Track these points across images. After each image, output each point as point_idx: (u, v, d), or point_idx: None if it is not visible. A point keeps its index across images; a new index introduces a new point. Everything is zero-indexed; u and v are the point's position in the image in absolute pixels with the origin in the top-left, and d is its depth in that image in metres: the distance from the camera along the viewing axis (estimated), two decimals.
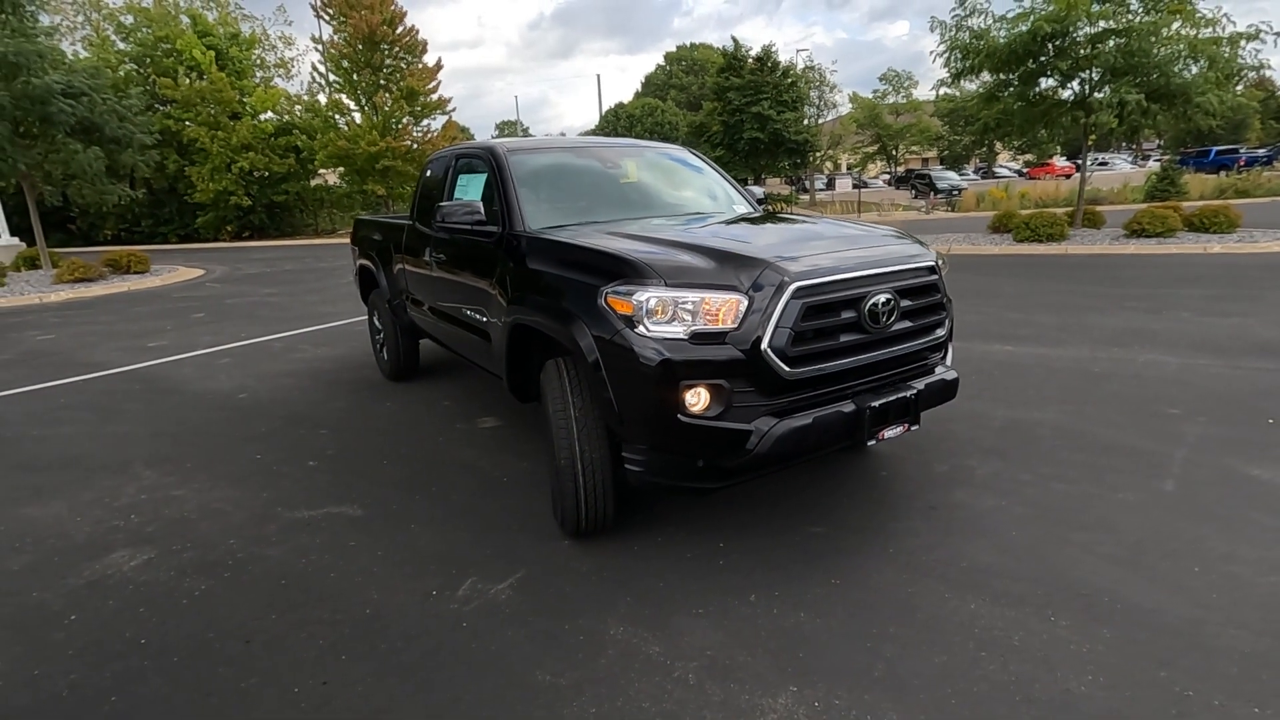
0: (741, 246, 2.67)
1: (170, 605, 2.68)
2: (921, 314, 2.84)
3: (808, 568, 2.74)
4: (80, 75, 13.59)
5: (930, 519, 3.09)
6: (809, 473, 3.58)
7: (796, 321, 2.44)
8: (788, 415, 2.49)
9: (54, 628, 2.57)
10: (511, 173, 3.68)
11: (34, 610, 2.69)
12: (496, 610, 2.56)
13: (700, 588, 2.64)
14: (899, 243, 2.98)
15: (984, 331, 6.53)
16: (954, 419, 4.26)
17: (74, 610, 2.67)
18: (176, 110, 24.79)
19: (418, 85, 27.20)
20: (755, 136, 24.14)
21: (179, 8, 26.96)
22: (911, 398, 2.73)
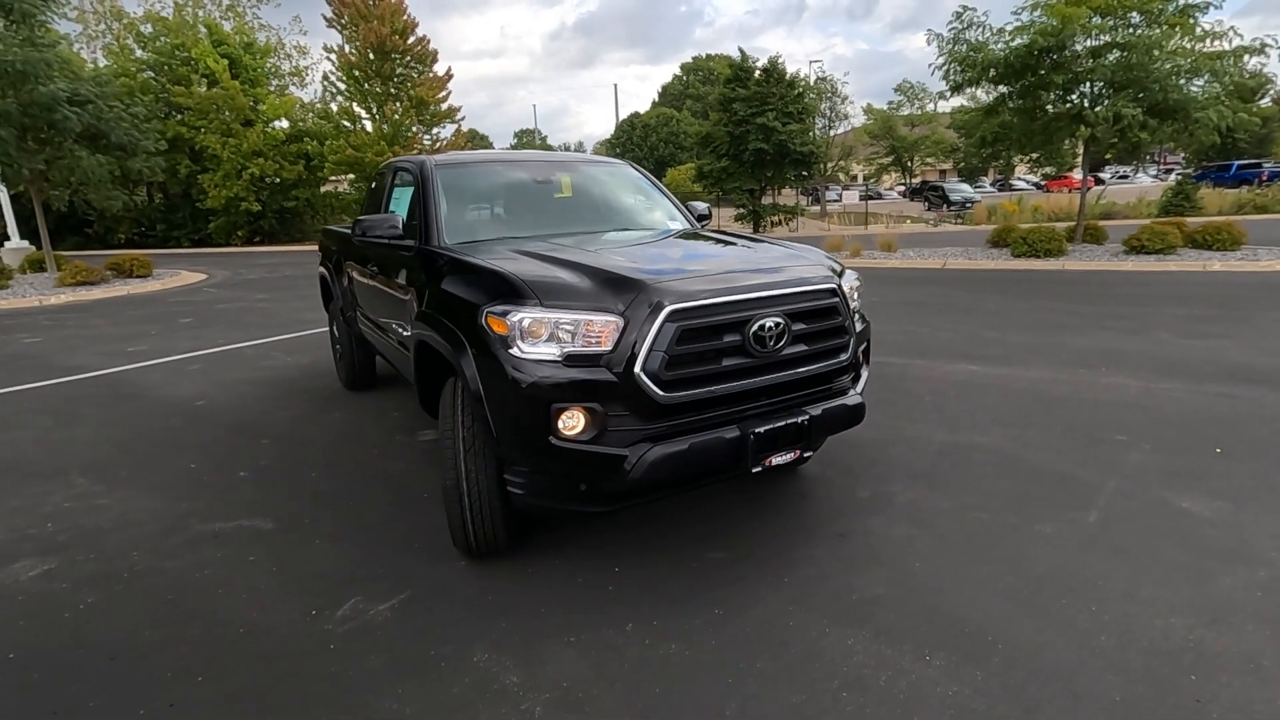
0: (627, 267, 2.62)
1: (51, 618, 2.68)
2: (819, 338, 2.78)
3: (696, 596, 2.68)
4: (87, 83, 13.88)
5: (836, 548, 3.00)
6: (725, 495, 3.51)
7: (671, 345, 2.39)
8: (663, 440, 2.44)
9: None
10: (435, 186, 3.67)
11: None
12: (369, 633, 2.52)
13: (581, 615, 2.58)
14: (799, 264, 2.91)
15: (951, 349, 6.41)
16: (892, 441, 4.17)
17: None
18: (190, 117, 25.25)
19: (427, 94, 27.52)
20: (760, 147, 24.04)
21: (197, 17, 27.52)
22: (804, 424, 2.66)
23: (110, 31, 27.69)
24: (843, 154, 41.01)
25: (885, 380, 5.49)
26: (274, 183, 26.80)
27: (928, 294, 9.98)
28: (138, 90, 24.50)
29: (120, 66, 25.92)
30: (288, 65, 31.19)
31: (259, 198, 26.44)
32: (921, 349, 6.51)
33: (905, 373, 5.70)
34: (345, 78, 27.63)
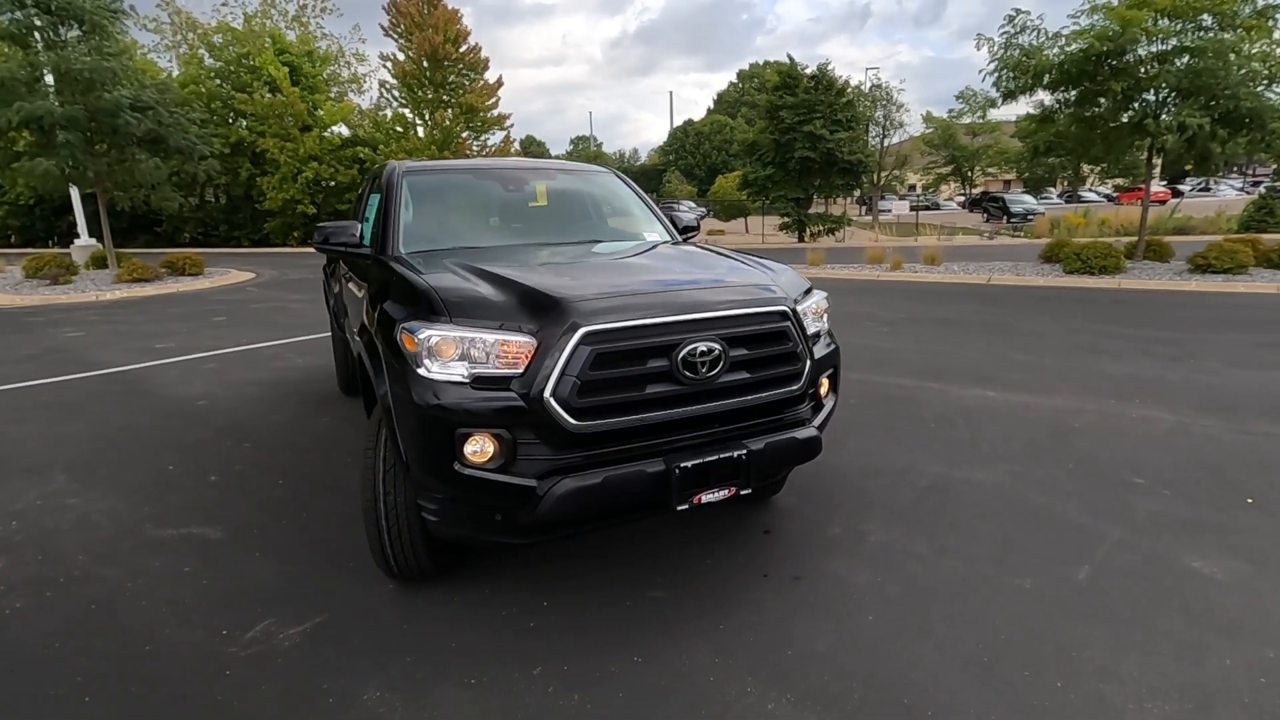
0: (550, 284, 2.45)
1: None
2: (764, 365, 2.54)
3: (620, 638, 2.48)
4: (150, 90, 14.57)
5: (786, 592, 2.75)
6: (681, 527, 3.30)
7: (584, 370, 2.20)
8: (576, 473, 2.25)
9: None
10: (400, 194, 3.58)
11: None
12: (270, 659, 2.41)
13: (491, 653, 2.42)
14: (747, 284, 2.69)
15: (972, 372, 6.01)
16: (880, 473, 3.87)
17: None
18: (253, 123, 26.37)
19: (477, 101, 28.03)
20: (807, 156, 23.53)
21: (264, 27, 28.76)
22: (741, 458, 2.43)
23: (185, 41, 29.21)
24: (897, 163, 39.84)
25: (891, 405, 5.15)
26: (328, 186, 27.69)
27: (963, 311, 9.47)
28: (205, 97, 25.75)
29: (191, 74, 27.29)
30: (346, 72, 32.29)
31: (314, 200, 27.37)
32: (940, 371, 6.12)
33: (915, 397, 5.35)
34: (400, 85, 28.41)
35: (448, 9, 27.84)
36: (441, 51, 27.09)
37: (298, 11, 31.58)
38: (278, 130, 26.31)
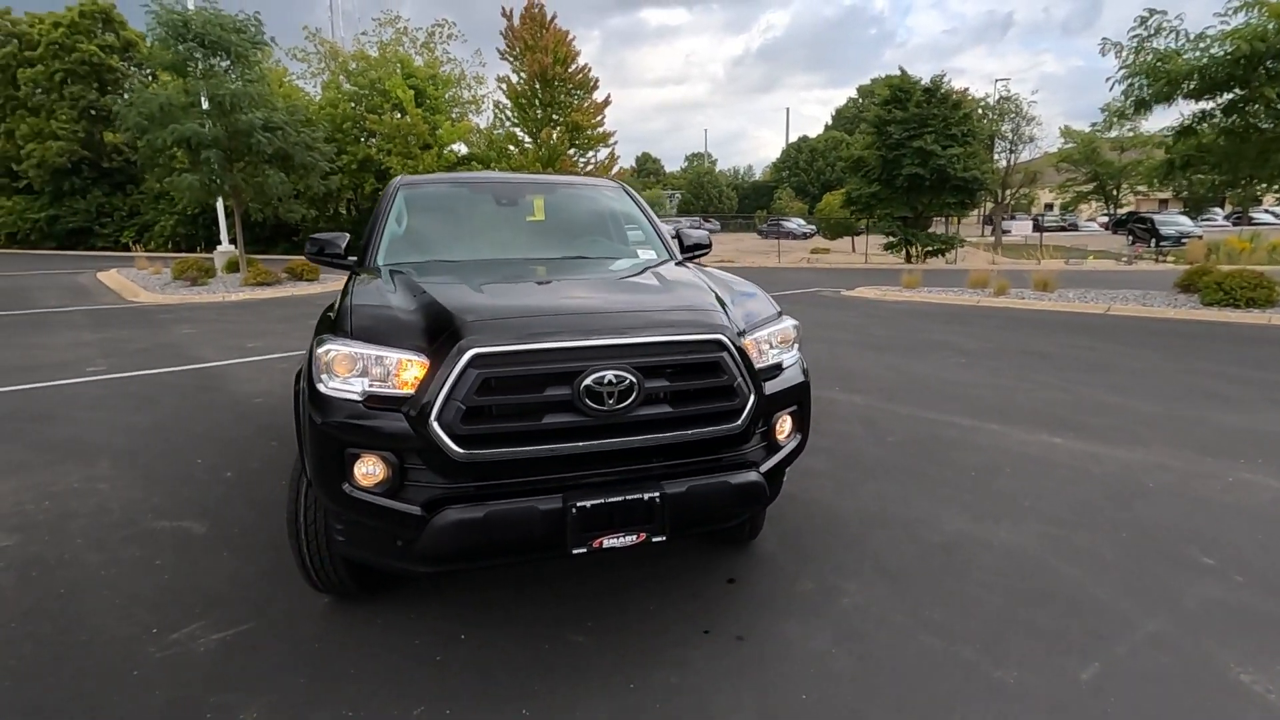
0: (460, 303, 2.32)
1: None
2: (690, 399, 2.28)
3: (520, 685, 2.29)
4: (279, 113, 16.05)
5: (723, 653, 2.46)
6: (640, 563, 3.05)
7: (470, 395, 2.05)
8: (462, 504, 2.10)
9: None
10: (389, 206, 3.62)
11: None
12: (180, 663, 2.42)
13: (385, 682, 2.30)
14: (676, 310, 2.44)
15: (1045, 415, 5.30)
16: (887, 523, 3.45)
17: None
18: (380, 141, 28.51)
19: (582, 120, 28.83)
20: (915, 172, 22.25)
21: (396, 54, 31.08)
22: (654, 501, 2.19)
23: (328, 69, 32.12)
24: (1025, 180, 36.89)
25: (934, 446, 4.63)
26: None
27: (1061, 344, 8.48)
28: (339, 118, 28.14)
29: (330, 98, 29.94)
30: (467, 94, 34.22)
31: None
32: (1007, 411, 5.45)
33: (966, 439, 4.78)
34: (512, 105, 29.77)
35: (558, 31, 28.92)
36: (551, 72, 28.13)
37: (426, 38, 33.90)
38: (401, 149, 28.28)
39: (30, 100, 33.33)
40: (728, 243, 43.73)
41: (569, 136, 29.17)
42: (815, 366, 7.07)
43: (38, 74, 32.77)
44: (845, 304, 13.05)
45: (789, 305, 13.15)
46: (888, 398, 5.90)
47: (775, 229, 51.53)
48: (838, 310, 11.99)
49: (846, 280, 18.05)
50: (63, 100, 33.20)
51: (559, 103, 29.17)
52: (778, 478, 2.62)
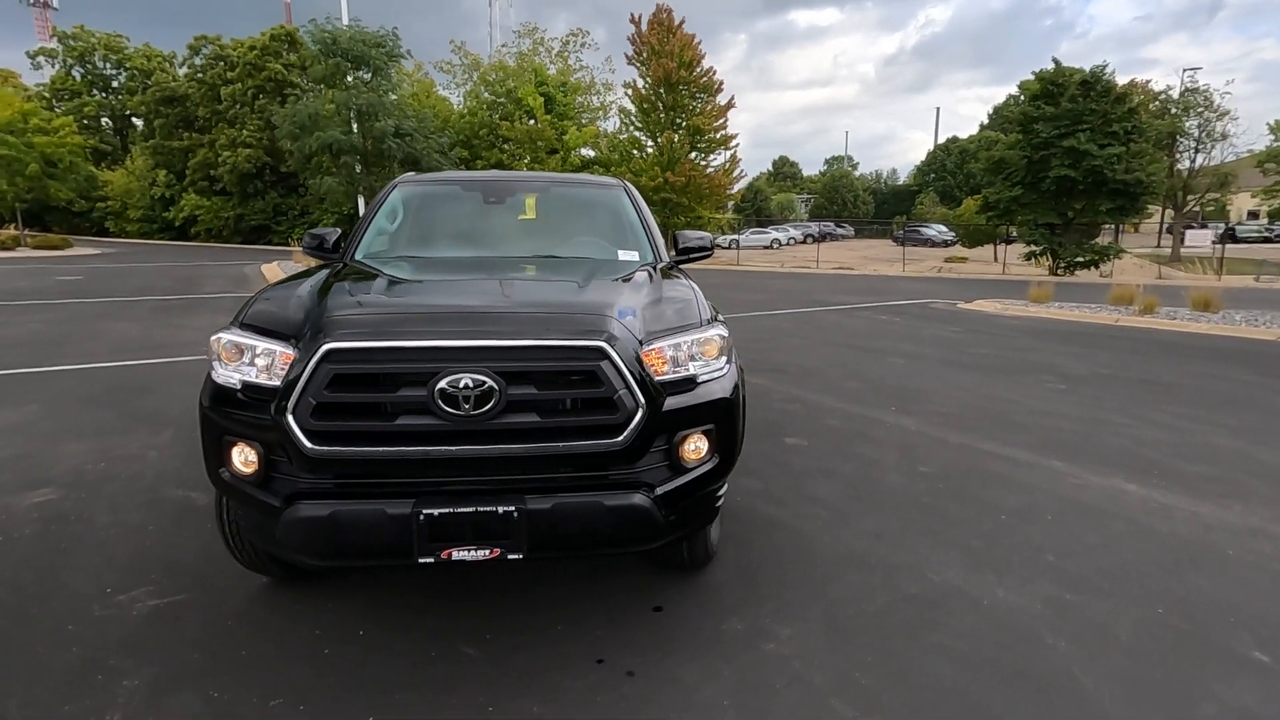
0: (340, 296, 2.31)
1: None
2: (563, 409, 2.11)
3: (382, 692, 2.23)
4: (409, 120, 17.35)
5: (603, 687, 2.26)
6: (583, 577, 2.90)
7: (321, 390, 2.02)
8: (312, 500, 2.07)
9: None
10: (380, 202, 3.71)
11: None
12: (108, 625, 2.57)
13: (261, 672, 2.32)
14: (557, 314, 2.26)
15: (1129, 456, 4.51)
16: (860, 566, 3.06)
17: None
18: (511, 147, 30.02)
19: (703, 123, 28.70)
20: (1065, 175, 20.00)
21: (532, 64, 32.62)
22: (510, 516, 2.04)
23: (470, 80, 34.33)
24: (1215, 184, 32.03)
25: (970, 481, 4.08)
26: None
27: (1195, 374, 7.22)
28: (476, 125, 29.96)
29: (470, 106, 31.99)
30: (596, 100, 35.23)
31: None
32: (1083, 448, 4.70)
33: (1013, 476, 4.16)
34: (636, 109, 30.24)
35: (685, 35, 28.98)
36: (675, 76, 28.26)
37: (561, 47, 35.30)
38: (530, 153, 29.63)
39: (229, 113, 38.49)
40: (856, 249, 41.82)
41: (690, 140, 29.16)
42: (880, 384, 6.55)
43: (235, 90, 37.78)
44: (953, 318, 11.96)
45: (890, 316, 12.46)
46: (944, 423, 5.28)
47: (912, 236, 48.59)
48: (940, 324, 11.00)
49: (970, 292, 16.61)
50: (252, 113, 38.01)
51: (682, 106, 29.24)
52: (688, 503, 2.37)
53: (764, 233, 45.50)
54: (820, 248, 36.17)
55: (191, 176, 39.57)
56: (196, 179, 39.40)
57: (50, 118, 32.16)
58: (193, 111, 40.50)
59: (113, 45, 48.16)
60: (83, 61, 48.32)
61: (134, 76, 46.74)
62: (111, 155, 47.22)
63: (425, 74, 33.23)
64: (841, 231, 58.90)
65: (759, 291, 16.33)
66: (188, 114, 40.82)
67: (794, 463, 4.39)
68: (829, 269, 25.32)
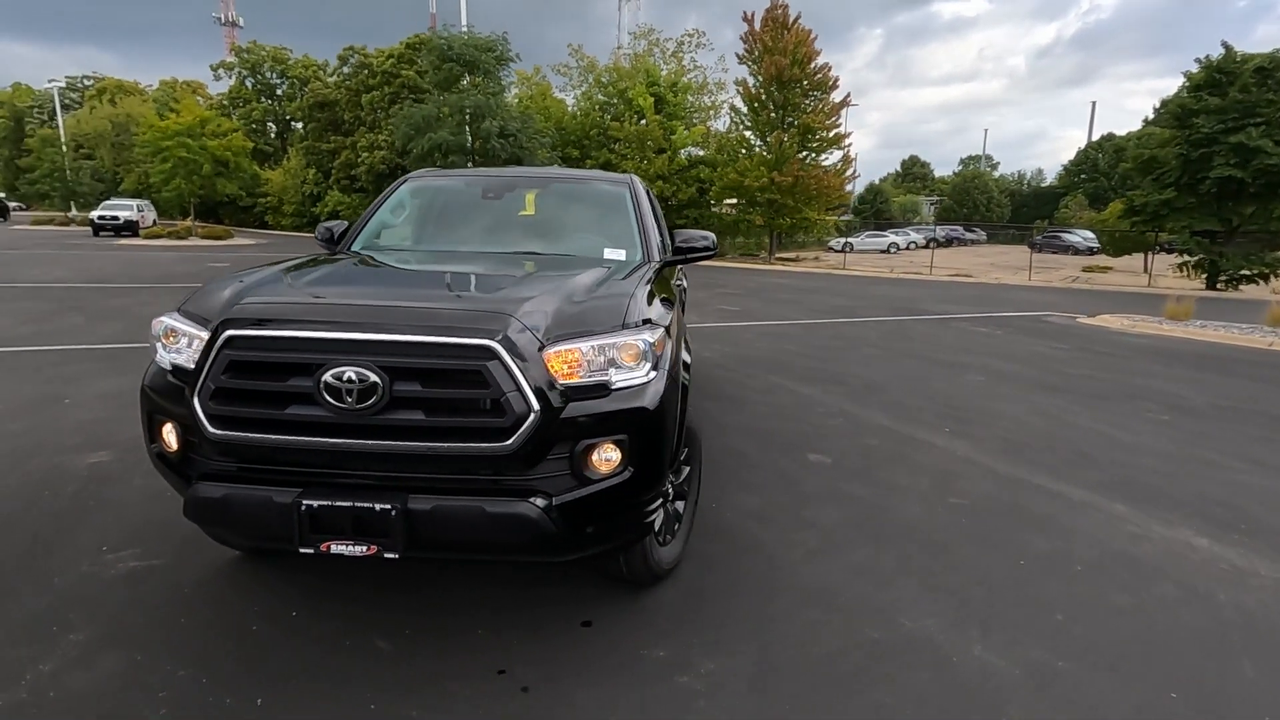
0: (258, 283, 2.36)
1: (31, 495, 3.67)
2: (448, 409, 2.03)
3: (268, 682, 2.25)
4: (513, 121, 17.99)
5: (490, 699, 2.17)
6: (528, 584, 2.83)
7: (219, 375, 2.07)
8: (211, 482, 2.13)
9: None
10: (391, 196, 3.81)
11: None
12: (86, 582, 2.77)
13: (185, 643, 2.40)
14: (453, 309, 2.17)
15: (1217, 505, 3.83)
16: (829, 605, 2.77)
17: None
18: (620, 147, 30.38)
19: (813, 121, 27.68)
20: (1229, 175, 17.45)
21: (646, 64, 32.84)
22: (388, 513, 1.99)
23: (585, 82, 35.10)
24: None
25: (1003, 519, 3.62)
26: (669, 203, 30.42)
27: None
28: (587, 125, 30.60)
29: (584, 108, 32.72)
30: (707, 100, 34.90)
31: None
32: (1160, 492, 4.05)
33: (1056, 518, 3.64)
34: (746, 108, 29.67)
35: (800, 31, 28.05)
36: (787, 74, 27.44)
37: (676, 48, 35.29)
38: (637, 153, 29.85)
39: (368, 118, 41.69)
40: (984, 255, 38.91)
41: (800, 139, 28.24)
42: (946, 402, 5.99)
43: (374, 97, 40.85)
44: (1064, 333, 10.77)
45: (991, 329, 11.60)
46: (1001, 451, 4.73)
47: (1051, 242, 44.45)
48: (1046, 340, 9.93)
49: (1099, 305, 14.97)
50: (387, 117, 40.96)
51: (793, 104, 28.36)
52: (600, 517, 2.23)
53: (881, 236, 43.38)
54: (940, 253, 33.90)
55: (336, 175, 43.21)
56: (340, 178, 43.00)
57: (221, 123, 36.31)
58: (339, 116, 44.26)
59: (278, 57, 53.65)
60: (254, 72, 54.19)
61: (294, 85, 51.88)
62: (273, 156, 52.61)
63: (543, 77, 34.34)
64: (971, 236, 54.96)
65: (853, 297, 15.51)
66: (335, 118, 44.66)
67: (806, 482, 4.08)
68: (943, 276, 23.66)
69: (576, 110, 32.76)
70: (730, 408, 5.69)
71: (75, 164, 47.43)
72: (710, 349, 8.28)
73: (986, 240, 55.27)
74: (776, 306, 13.17)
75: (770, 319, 11.38)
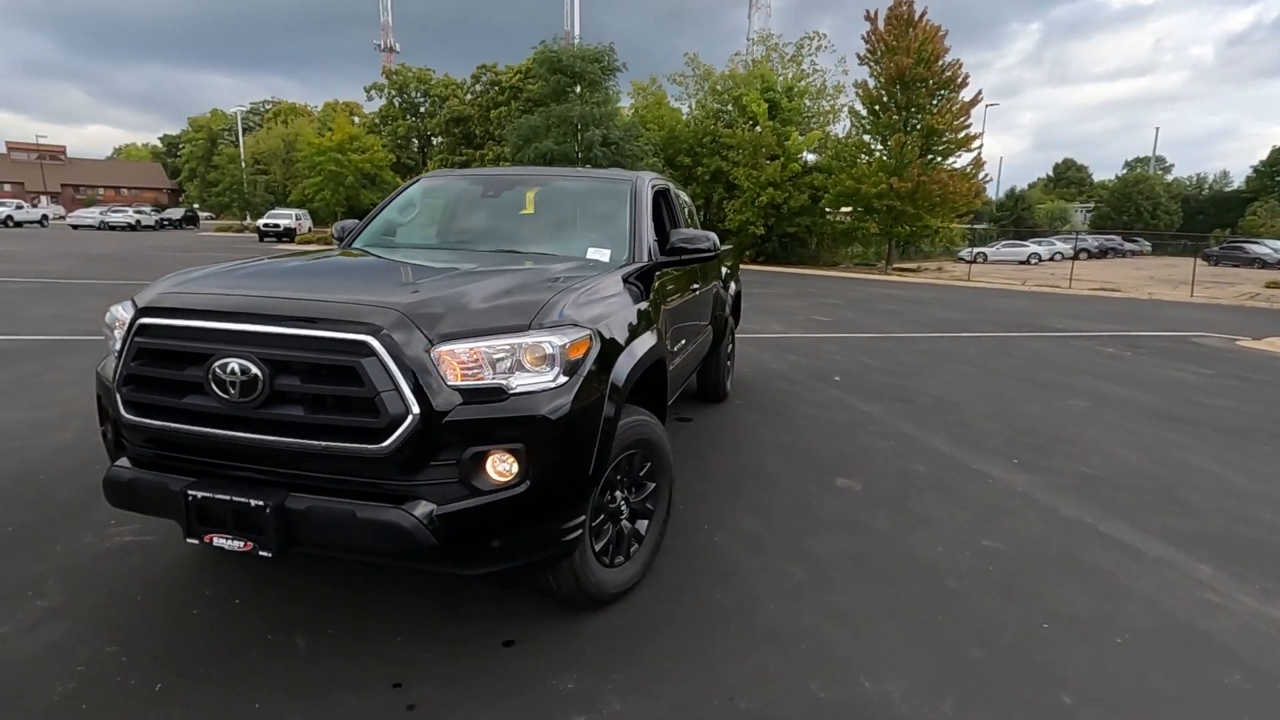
0: (206, 276, 2.39)
1: None
2: (323, 406, 1.94)
3: (184, 667, 2.28)
4: (616, 130, 18.22)
5: (370, 712, 2.06)
6: (498, 598, 2.72)
7: (129, 361, 2.12)
8: (125, 465, 2.19)
9: None
10: (399, 193, 3.87)
11: None
12: (82, 553, 2.96)
13: (119, 623, 2.46)
14: (350, 300, 2.06)
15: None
16: (789, 651, 2.43)
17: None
18: (731, 154, 29.96)
19: (939, 122, 25.89)
20: None
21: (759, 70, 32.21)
22: (261, 510, 1.94)
23: (701, 90, 34.97)
24: None
25: (1044, 569, 3.08)
26: (781, 210, 29.58)
27: None
28: (699, 133, 30.43)
29: (697, 115, 32.58)
30: (826, 104, 33.68)
31: (766, 223, 29.66)
32: (1262, 554, 3.29)
33: (1109, 574, 3.04)
34: (866, 111, 28.31)
35: (928, 28, 26.37)
36: (910, 73, 25.88)
37: (795, 52, 34.38)
38: (748, 159, 29.30)
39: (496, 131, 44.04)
40: (1144, 267, 34.72)
41: (923, 142, 26.51)
42: (1027, 430, 5.32)
43: (502, 112, 43.11)
44: (1213, 357, 9.24)
45: (1121, 349, 10.83)
46: (1071, 489, 4.05)
47: (1232, 254, 38.94)
48: (1186, 364, 8.56)
49: (1274, 326, 12.83)
50: None
51: (917, 105, 26.69)
52: (499, 531, 2.07)
53: (1020, 245, 39.87)
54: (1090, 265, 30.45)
55: None
56: None
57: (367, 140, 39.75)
58: (472, 130, 47.14)
59: (422, 77, 57.90)
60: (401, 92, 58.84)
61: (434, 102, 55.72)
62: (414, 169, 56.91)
63: (659, 86, 34.55)
64: (1131, 247, 49.15)
65: (965, 310, 14.26)
66: (468, 132, 47.62)
67: (824, 508, 3.68)
68: (1084, 290, 21.27)
69: (690, 118, 32.66)
70: (773, 422, 5.32)
71: (252, 178, 53.76)
72: (781, 360, 7.85)
73: (1151, 251, 49.29)
74: (874, 318, 12.36)
75: (861, 331, 10.67)
